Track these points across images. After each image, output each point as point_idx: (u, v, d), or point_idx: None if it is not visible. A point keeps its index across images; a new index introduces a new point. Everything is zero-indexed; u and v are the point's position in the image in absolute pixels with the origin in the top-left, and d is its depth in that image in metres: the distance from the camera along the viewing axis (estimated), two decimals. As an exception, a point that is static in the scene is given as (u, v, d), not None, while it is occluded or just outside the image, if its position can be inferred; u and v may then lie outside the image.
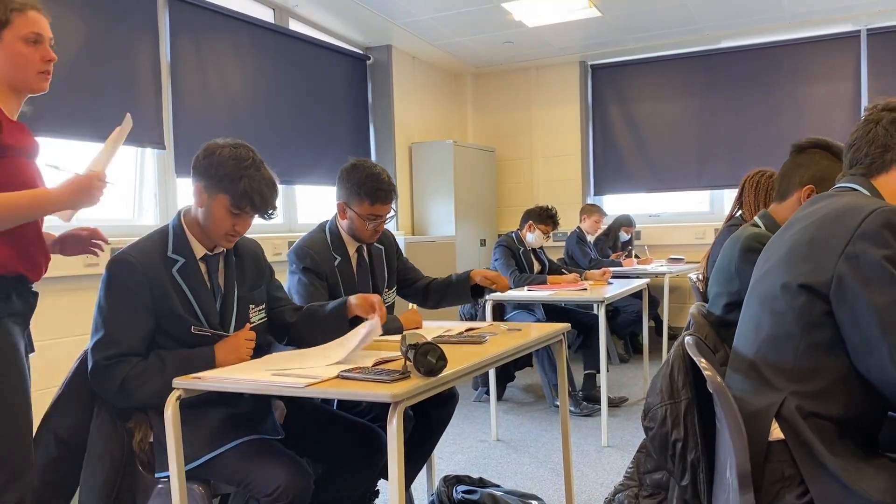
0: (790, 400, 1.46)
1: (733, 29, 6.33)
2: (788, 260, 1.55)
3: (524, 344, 2.42)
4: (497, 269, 4.93)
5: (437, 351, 1.79)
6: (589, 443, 3.88)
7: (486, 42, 6.56)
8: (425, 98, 7.06)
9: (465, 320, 4.92)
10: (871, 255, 1.40)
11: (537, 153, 7.49)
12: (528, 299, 4.40)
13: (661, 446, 1.68)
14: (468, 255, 6.78)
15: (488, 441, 3.99)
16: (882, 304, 1.37)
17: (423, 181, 6.75)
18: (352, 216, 2.65)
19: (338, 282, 2.61)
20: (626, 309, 5.96)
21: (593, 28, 6.20)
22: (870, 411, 1.51)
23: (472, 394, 4.94)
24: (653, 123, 7.04)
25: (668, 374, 1.68)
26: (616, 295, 4.27)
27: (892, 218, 1.42)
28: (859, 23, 6.14)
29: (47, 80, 2.05)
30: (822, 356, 1.47)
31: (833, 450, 1.41)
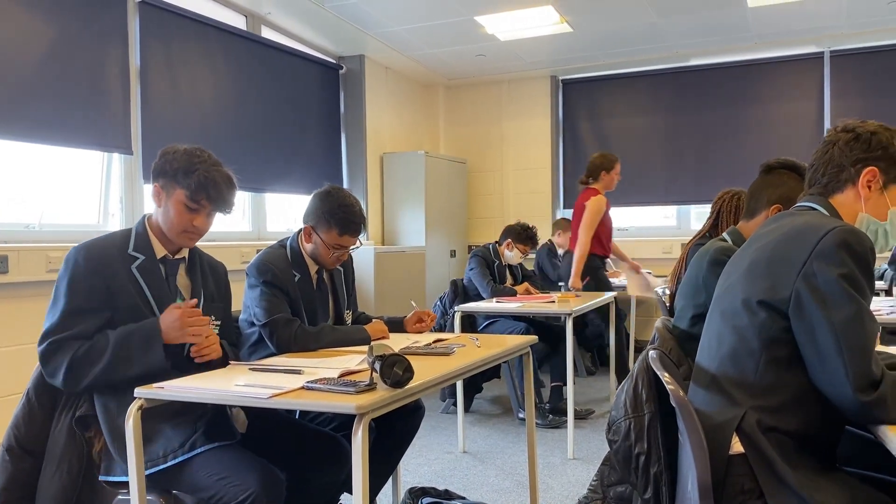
0: (750, 414, 1.49)
1: (702, 48, 6.44)
2: (749, 277, 1.58)
3: (491, 356, 2.43)
4: (472, 278, 4.94)
5: (403, 362, 1.79)
6: (555, 455, 3.89)
7: (459, 54, 6.60)
8: (397, 108, 7.07)
9: (435, 331, 4.92)
10: (828, 273, 1.43)
11: (508, 166, 7.53)
12: (497, 311, 4.42)
13: (624, 459, 1.69)
14: (438, 266, 6.79)
15: (455, 453, 3.98)
16: (838, 322, 1.41)
17: (394, 191, 6.75)
18: (317, 242, 2.63)
19: (298, 298, 2.58)
20: (594, 322, 6.00)
21: (564, 43, 6.27)
22: (828, 426, 1.54)
23: (439, 405, 4.93)
24: (622, 138, 7.13)
25: (632, 388, 1.70)
26: (583, 308, 4.31)
27: (849, 238, 1.45)
28: (823, 45, 6.29)
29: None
30: (781, 372, 1.50)
31: (792, 464, 1.44)
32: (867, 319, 1.43)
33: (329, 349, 2.47)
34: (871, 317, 1.44)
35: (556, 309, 4.15)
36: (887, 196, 1.64)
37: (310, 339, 2.47)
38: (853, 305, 1.42)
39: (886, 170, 1.64)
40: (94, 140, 4.08)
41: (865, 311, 1.43)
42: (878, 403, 1.39)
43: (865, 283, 1.45)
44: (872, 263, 1.47)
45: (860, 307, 1.42)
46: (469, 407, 4.91)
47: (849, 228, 1.48)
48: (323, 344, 2.49)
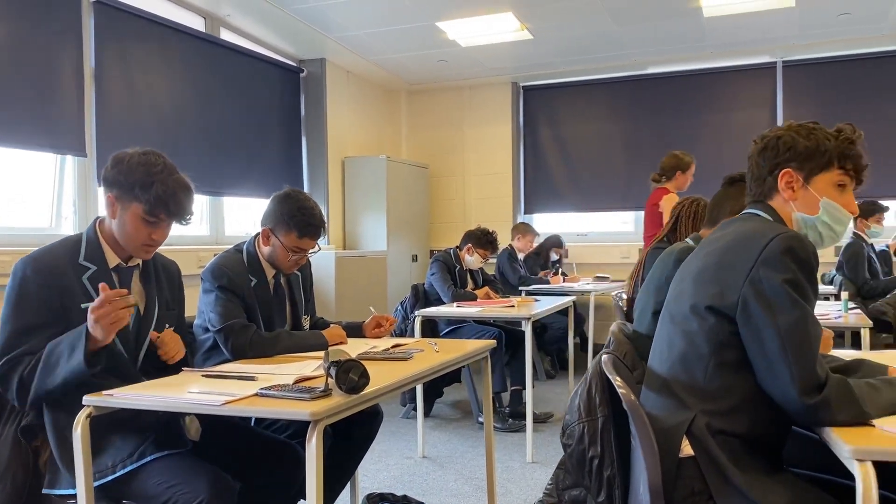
0: (700, 418, 1.52)
1: (659, 56, 6.55)
2: (697, 282, 1.62)
3: (449, 361, 2.43)
4: (433, 283, 4.94)
5: (359, 368, 1.78)
6: (514, 458, 3.91)
7: (421, 59, 6.61)
8: (359, 112, 7.04)
9: (395, 336, 4.90)
10: (773, 279, 1.47)
11: (470, 171, 7.56)
12: (457, 315, 4.42)
13: (578, 463, 1.71)
14: (400, 271, 6.77)
15: (414, 458, 3.97)
16: (783, 327, 1.45)
17: (355, 195, 6.72)
18: (275, 244, 2.60)
19: (254, 304, 2.55)
20: (553, 326, 6.05)
21: (525, 50, 6.32)
22: (775, 428, 1.58)
23: (400, 410, 4.92)
24: (582, 145, 7.21)
25: (585, 392, 1.72)
26: (542, 312, 4.34)
27: (793, 244, 1.50)
28: (776, 55, 6.45)
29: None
30: (730, 375, 1.53)
31: (740, 466, 1.47)
32: (811, 324, 1.47)
33: (285, 355, 2.45)
34: (815, 321, 1.48)
35: (516, 313, 4.17)
36: (812, 189, 1.68)
37: (266, 345, 2.44)
38: (797, 310, 1.45)
39: (800, 167, 1.68)
40: (46, 142, 3.99)
41: (809, 315, 1.47)
42: (822, 406, 1.43)
43: (809, 288, 1.49)
44: (816, 268, 1.52)
45: (804, 312, 1.46)
46: (429, 412, 4.90)
47: (792, 234, 1.53)
48: (279, 350, 2.46)
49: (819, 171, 1.68)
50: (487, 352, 2.75)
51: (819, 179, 1.68)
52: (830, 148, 1.67)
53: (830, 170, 1.68)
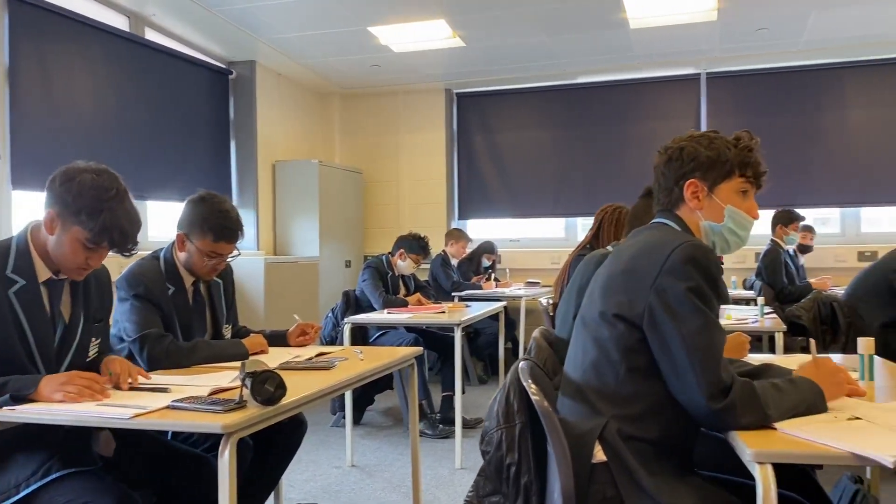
0: (612, 423, 1.55)
1: (588, 66, 6.68)
2: (605, 290, 1.65)
3: (374, 368, 2.42)
4: (364, 289, 4.91)
5: (275, 379, 1.75)
6: (443, 465, 3.91)
7: (354, 64, 6.57)
8: (291, 116, 6.95)
9: (325, 343, 4.85)
10: (676, 288, 1.52)
11: (404, 176, 7.55)
12: (389, 322, 4.40)
13: (496, 470, 1.71)
14: (332, 277, 6.70)
15: (343, 467, 3.93)
16: (687, 334, 1.49)
17: (286, 200, 6.63)
18: (191, 250, 2.52)
19: (172, 312, 2.47)
20: (486, 331, 6.09)
21: (458, 57, 6.35)
22: (685, 432, 1.62)
23: (330, 418, 4.86)
24: (514, 152, 7.29)
25: (504, 398, 1.73)
26: (473, 318, 4.36)
27: (695, 253, 1.54)
28: (700, 66, 6.66)
29: None
30: (640, 381, 1.57)
31: (650, 470, 1.50)
32: (715, 330, 1.51)
33: (204, 365, 2.39)
34: (719, 327, 1.53)
35: (446, 319, 4.18)
36: (717, 198, 1.73)
37: (182, 355, 2.38)
38: (701, 318, 1.50)
39: (704, 176, 1.73)
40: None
41: (713, 322, 1.52)
42: (727, 410, 1.47)
43: (712, 295, 1.54)
44: (718, 275, 1.56)
45: (707, 319, 1.51)
46: (360, 420, 4.86)
47: (695, 243, 1.57)
48: (197, 360, 2.40)
49: (722, 179, 1.73)
50: (414, 359, 2.74)
51: (722, 188, 1.73)
52: (731, 157, 1.72)
53: (732, 178, 1.73)
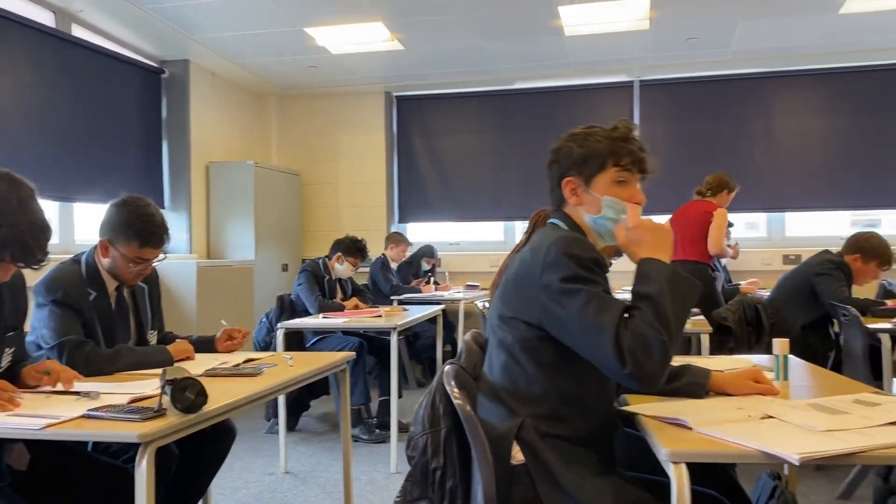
0: (528, 423, 1.57)
1: (525, 72, 6.75)
2: (503, 294, 1.71)
3: (304, 374, 2.39)
4: (300, 293, 4.84)
5: (196, 386, 1.71)
6: (378, 470, 3.89)
7: (290, 65, 6.49)
8: (226, 117, 6.83)
9: (260, 348, 4.78)
10: (555, 280, 1.57)
11: (343, 179, 7.49)
12: (324, 326, 4.36)
13: (422, 475, 1.71)
14: (268, 281, 6.60)
15: (276, 474, 3.87)
16: (577, 312, 1.53)
17: (220, 202, 6.50)
18: (116, 256, 2.45)
19: (93, 319, 2.40)
20: (425, 334, 6.09)
21: (396, 60, 6.34)
22: (602, 426, 1.66)
23: (264, 425, 4.78)
24: (454, 155, 7.32)
25: (430, 403, 1.73)
26: (410, 321, 4.35)
27: (564, 245, 1.60)
28: (633, 74, 6.81)
29: None
30: (549, 378, 1.61)
31: (569, 468, 1.52)
32: (598, 299, 1.53)
33: (126, 372, 2.32)
34: (604, 297, 1.54)
35: (383, 323, 4.16)
36: (594, 192, 1.76)
37: (104, 362, 2.30)
38: (581, 295, 1.53)
39: (579, 172, 1.77)
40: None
41: (594, 293, 1.54)
42: (635, 365, 1.46)
43: (591, 274, 1.57)
44: (593, 258, 1.60)
45: (588, 292, 1.53)
46: (295, 426, 4.80)
47: (565, 237, 1.63)
48: (119, 367, 2.33)
49: (596, 173, 1.76)
50: (346, 363, 2.71)
51: (598, 181, 1.76)
52: (602, 150, 1.76)
53: (606, 170, 1.75)
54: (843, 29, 5.62)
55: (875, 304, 4.04)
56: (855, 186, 6.48)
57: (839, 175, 6.51)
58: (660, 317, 1.49)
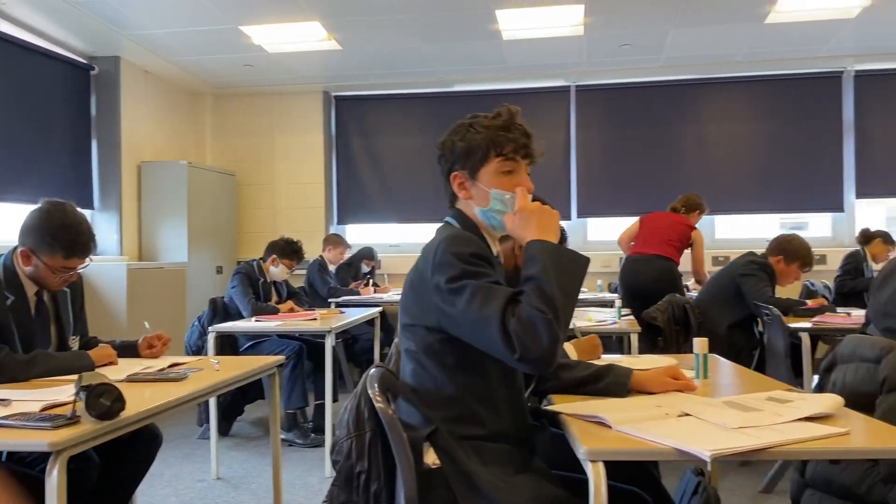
0: (442, 427, 1.58)
1: (464, 74, 6.79)
2: (403, 302, 1.71)
3: (230, 379, 2.35)
4: (233, 296, 4.76)
5: (113, 392, 1.67)
6: (313, 474, 3.85)
7: (226, 63, 6.38)
8: (158, 115, 6.66)
9: (191, 352, 4.67)
10: (443, 281, 1.57)
11: (280, 180, 7.40)
12: (256, 330, 4.29)
13: (346, 479, 1.70)
14: (202, 283, 6.46)
15: (207, 480, 3.79)
16: (465, 308, 1.53)
17: (153, 203, 6.33)
18: (38, 265, 2.35)
19: (10, 323, 2.30)
20: (363, 337, 6.05)
21: (334, 60, 6.30)
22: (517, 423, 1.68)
23: (196, 430, 4.68)
24: (394, 156, 7.30)
25: (354, 406, 1.72)
26: (346, 323, 4.32)
27: (448, 244, 1.60)
28: (570, 79, 6.92)
29: None
30: (456, 380, 1.62)
31: (487, 469, 1.53)
32: (481, 292, 1.52)
33: (44, 378, 2.24)
34: (487, 287, 1.53)
35: (318, 326, 4.12)
36: (480, 184, 1.73)
37: (19, 368, 2.21)
38: (468, 289, 1.53)
39: (463, 165, 1.75)
40: None
41: (478, 286, 1.53)
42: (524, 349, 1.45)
43: (473, 268, 1.56)
44: (476, 252, 1.60)
45: (473, 287, 1.53)
46: (229, 431, 4.71)
47: (449, 237, 1.63)
48: (36, 373, 2.24)
49: (480, 165, 1.73)
50: (275, 367, 2.68)
51: (483, 173, 1.73)
52: (482, 141, 1.72)
53: (489, 161, 1.72)
54: (768, 38, 5.83)
55: (797, 303, 4.20)
56: (782, 190, 6.72)
57: (767, 179, 6.74)
58: (545, 297, 1.48)
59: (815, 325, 3.79)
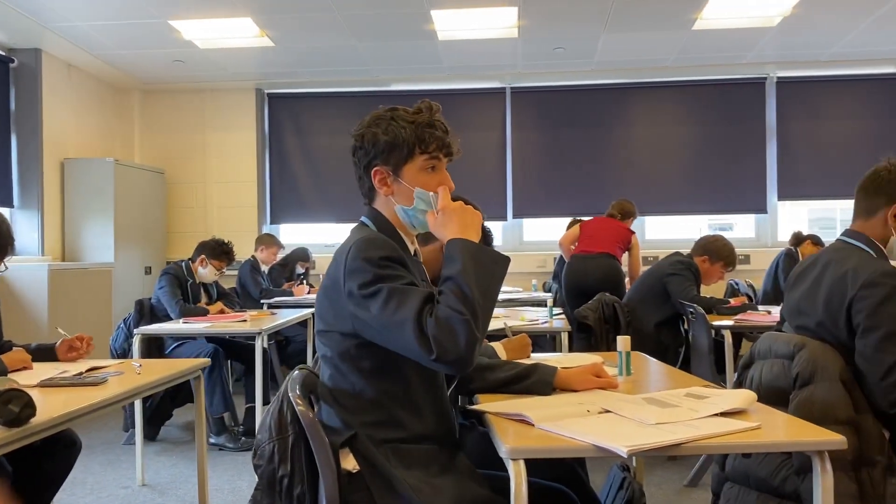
0: (362, 432, 1.56)
1: (400, 74, 6.79)
2: (318, 308, 1.68)
3: (153, 382, 2.29)
4: (161, 297, 4.63)
5: (22, 398, 1.60)
6: (243, 478, 3.77)
7: (155, 58, 6.20)
8: (83, 111, 6.44)
9: (117, 355, 4.52)
10: (355, 286, 1.54)
11: (212, 178, 7.24)
12: (184, 332, 4.19)
13: (268, 483, 1.67)
14: (129, 284, 6.27)
15: (132, 487, 3.68)
16: (379, 312, 1.51)
17: (77, 201, 6.12)
18: None
19: None
20: (296, 339, 5.98)
21: (267, 57, 6.20)
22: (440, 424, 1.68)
23: (121, 436, 4.54)
24: (329, 156, 7.22)
25: (277, 409, 1.69)
26: (277, 325, 4.26)
27: (359, 248, 1.57)
28: (505, 81, 6.98)
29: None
30: (375, 384, 1.61)
31: (409, 472, 1.53)
32: (396, 295, 1.51)
33: None
34: (401, 290, 1.52)
35: (248, 328, 4.05)
36: (404, 181, 1.68)
37: (-77, 375, 2.11)
38: (382, 293, 1.51)
39: (386, 160, 1.68)
40: None
41: (393, 289, 1.52)
42: (440, 350, 1.45)
43: (386, 272, 1.54)
44: (390, 256, 1.57)
45: (388, 290, 1.51)
46: (156, 436, 4.58)
47: (360, 241, 1.59)
48: None
49: (404, 161, 1.68)
50: (200, 370, 2.62)
51: (407, 169, 1.68)
52: (407, 137, 1.66)
53: (414, 157, 1.68)
54: (696, 45, 6.01)
55: (719, 302, 4.33)
56: (709, 192, 6.93)
57: (694, 181, 6.94)
58: (463, 297, 1.47)
59: (737, 323, 3.92)
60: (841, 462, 1.87)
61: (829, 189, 6.88)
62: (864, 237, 2.17)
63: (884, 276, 2.00)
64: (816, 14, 5.32)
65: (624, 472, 2.50)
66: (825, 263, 2.17)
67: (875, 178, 2.17)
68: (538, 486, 1.77)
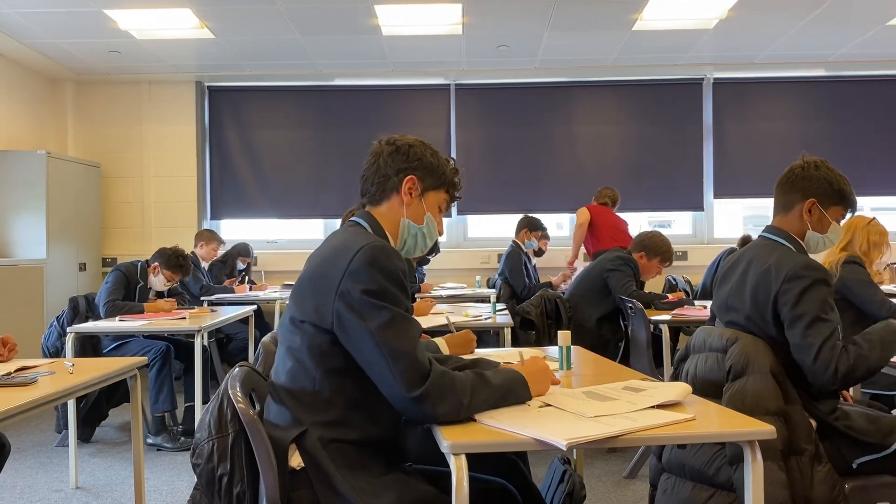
0: (312, 431, 1.55)
1: (345, 69, 6.73)
2: (295, 296, 1.66)
3: (87, 381, 2.23)
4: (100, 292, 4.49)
5: (-55, 400, 1.53)
6: (182, 479, 3.70)
7: (89, 48, 6.01)
8: (13, 102, 6.19)
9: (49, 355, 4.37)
10: (356, 291, 1.55)
11: (149, 172, 7.05)
12: (119, 330, 4.08)
13: (207, 483, 1.64)
14: (63, 281, 6.07)
15: (65, 490, 3.57)
16: (375, 329, 1.53)
17: (7, 195, 5.89)
18: None
19: None
20: (238, 336, 5.88)
21: (207, 49, 6.07)
22: (388, 429, 1.68)
23: (54, 438, 4.39)
24: (272, 151, 7.12)
25: (216, 407, 1.66)
26: (217, 322, 4.19)
27: (375, 255, 1.59)
28: (449, 78, 6.99)
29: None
30: (336, 385, 1.59)
31: (352, 473, 1.52)
32: (401, 323, 1.55)
33: None
34: (408, 319, 1.57)
35: (187, 325, 3.97)
36: (424, 203, 1.83)
37: None
38: (385, 313, 1.54)
39: (423, 178, 1.82)
40: None
41: (399, 315, 1.56)
42: (423, 399, 1.51)
43: (397, 292, 1.58)
44: (402, 273, 1.62)
45: (393, 313, 1.55)
46: (91, 437, 4.45)
47: (376, 245, 1.61)
48: None
49: (434, 188, 1.84)
50: (136, 369, 2.56)
51: (431, 196, 1.84)
52: (447, 173, 1.85)
53: (440, 191, 1.86)
54: (635, 45, 6.13)
55: (658, 297, 4.43)
56: (648, 190, 7.08)
57: (634, 179, 7.07)
58: (477, 395, 1.57)
59: (674, 317, 4.02)
60: (771, 451, 1.94)
61: (762, 187, 7.09)
62: (783, 233, 2.26)
63: (805, 268, 2.08)
64: (751, 17, 5.49)
65: (565, 464, 2.54)
66: (749, 260, 2.25)
67: (790, 175, 2.29)
68: (480, 480, 1.79)
